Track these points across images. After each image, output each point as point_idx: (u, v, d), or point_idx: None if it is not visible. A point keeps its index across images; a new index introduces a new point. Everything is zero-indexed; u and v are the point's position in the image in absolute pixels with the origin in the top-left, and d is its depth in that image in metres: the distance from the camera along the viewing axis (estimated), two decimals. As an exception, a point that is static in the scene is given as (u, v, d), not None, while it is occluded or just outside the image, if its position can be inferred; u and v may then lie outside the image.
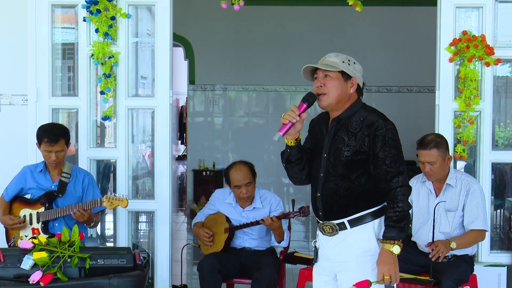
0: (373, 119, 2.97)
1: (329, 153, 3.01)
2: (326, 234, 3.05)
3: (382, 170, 2.92)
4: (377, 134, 2.93)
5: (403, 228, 2.91)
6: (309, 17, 8.88)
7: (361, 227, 2.99)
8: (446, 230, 4.15)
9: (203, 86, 9.12)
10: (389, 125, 2.98)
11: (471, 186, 4.13)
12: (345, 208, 2.99)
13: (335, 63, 3.00)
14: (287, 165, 3.13)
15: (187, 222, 8.61)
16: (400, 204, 2.90)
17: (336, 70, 2.99)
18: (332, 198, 3.00)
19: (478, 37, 4.60)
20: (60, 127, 4.21)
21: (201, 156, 9.16)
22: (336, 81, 2.99)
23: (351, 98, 3.04)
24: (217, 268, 4.37)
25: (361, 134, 2.95)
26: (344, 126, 3.01)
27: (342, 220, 3.00)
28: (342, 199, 2.98)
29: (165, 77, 4.73)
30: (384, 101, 8.90)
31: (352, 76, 3.02)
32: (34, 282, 3.44)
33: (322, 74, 3.01)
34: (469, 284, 4.17)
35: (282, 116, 2.95)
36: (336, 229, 3.01)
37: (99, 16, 4.60)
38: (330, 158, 3.00)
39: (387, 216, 2.92)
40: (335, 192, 2.99)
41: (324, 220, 3.04)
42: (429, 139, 4.11)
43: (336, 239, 3.03)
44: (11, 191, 4.25)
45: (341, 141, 2.98)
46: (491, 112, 4.69)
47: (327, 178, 3.01)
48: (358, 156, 2.95)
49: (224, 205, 4.66)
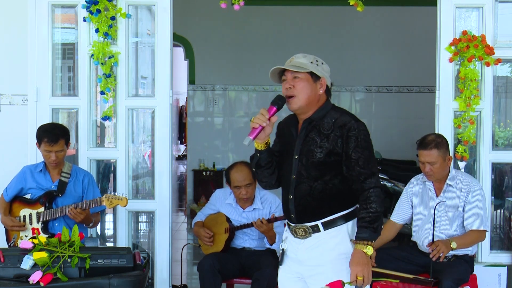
0: (345, 120, 2.93)
1: (300, 154, 2.97)
2: (298, 237, 3.01)
3: (355, 171, 2.90)
4: (349, 135, 2.90)
5: (376, 229, 2.88)
6: (309, 17, 8.88)
7: (335, 230, 2.96)
8: (446, 230, 4.14)
9: (203, 86, 9.12)
10: (361, 126, 2.94)
11: (472, 186, 4.13)
12: (319, 210, 2.96)
13: (304, 64, 2.95)
14: (257, 169, 3.07)
15: (187, 222, 8.61)
16: (374, 205, 2.87)
17: (305, 71, 2.94)
18: (306, 200, 2.96)
19: (478, 37, 4.60)
20: (60, 127, 4.21)
21: (201, 156, 9.16)
22: (305, 83, 2.94)
23: (320, 99, 3.00)
24: (217, 268, 4.37)
25: (333, 135, 2.92)
26: (315, 127, 2.97)
27: (316, 222, 2.96)
28: (316, 201, 2.95)
29: (165, 77, 4.73)
30: (384, 101, 8.91)
31: (321, 77, 2.97)
32: (34, 282, 3.44)
33: (290, 76, 2.96)
34: (469, 284, 4.17)
35: (252, 120, 2.90)
36: (309, 232, 2.98)
37: (99, 16, 4.60)
38: (302, 160, 2.96)
39: (360, 217, 2.90)
40: (308, 193, 2.95)
41: (297, 223, 3.00)
42: (429, 139, 4.11)
43: (308, 242, 2.99)
44: (11, 191, 4.25)
45: (313, 143, 2.94)
46: (491, 112, 4.69)
47: (300, 180, 2.97)
48: (332, 158, 2.92)
49: (225, 205, 4.66)
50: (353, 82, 8.87)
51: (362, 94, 9.00)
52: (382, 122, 8.88)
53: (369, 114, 8.99)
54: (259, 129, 2.88)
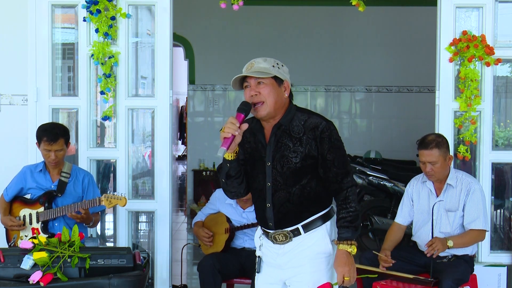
0: (316, 122, 2.89)
1: (273, 161, 2.91)
2: (278, 243, 2.98)
3: (332, 172, 2.88)
4: (323, 137, 2.87)
5: (357, 228, 2.88)
6: (309, 17, 8.87)
7: (315, 231, 2.95)
8: (446, 230, 4.14)
9: (203, 86, 9.12)
10: (332, 126, 2.92)
11: (472, 186, 4.13)
12: (299, 214, 2.93)
13: (266, 68, 2.87)
14: (227, 180, 2.98)
15: (187, 222, 8.61)
16: (353, 204, 2.87)
17: (269, 76, 2.87)
18: (285, 206, 2.92)
19: (478, 37, 4.60)
20: (60, 126, 4.21)
21: (201, 156, 9.16)
22: (270, 87, 2.87)
23: (285, 103, 2.95)
24: (217, 268, 4.37)
25: (306, 138, 2.88)
26: (285, 132, 2.91)
27: (296, 226, 2.94)
28: (296, 206, 2.92)
29: (165, 77, 4.73)
30: (384, 101, 8.90)
31: (284, 80, 2.92)
32: (34, 282, 3.44)
33: (254, 82, 2.87)
34: (469, 284, 4.16)
35: (222, 130, 2.80)
36: (290, 236, 2.95)
37: (99, 16, 4.60)
38: (277, 167, 2.90)
39: (340, 217, 2.88)
40: (287, 200, 2.91)
41: (276, 229, 2.97)
42: (430, 139, 4.11)
43: (288, 246, 2.97)
44: (11, 191, 4.25)
45: (286, 148, 2.89)
46: (491, 112, 4.69)
47: (277, 187, 2.92)
48: (308, 161, 2.88)
49: (225, 205, 4.66)
50: (353, 82, 8.87)
51: (362, 94, 9.00)
52: (382, 122, 8.88)
53: (369, 114, 9.00)
54: (231, 138, 2.78)
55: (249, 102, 2.87)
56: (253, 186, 3.03)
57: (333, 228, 2.96)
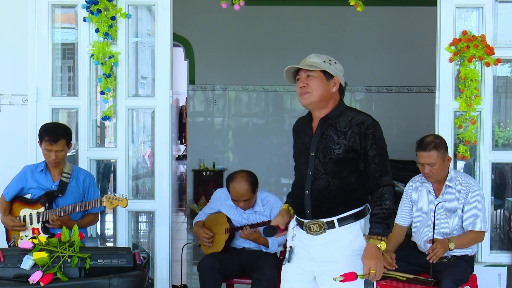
0: (362, 119, 3.02)
1: (317, 151, 3.03)
2: (312, 233, 3.05)
3: (371, 168, 2.98)
4: (367, 133, 2.99)
5: (389, 226, 2.96)
6: (309, 17, 8.87)
7: (349, 226, 3.02)
8: (446, 231, 4.14)
9: (203, 86, 9.12)
10: (378, 125, 3.05)
11: (471, 187, 4.12)
12: (335, 206, 3.01)
13: (317, 63, 3.05)
14: None
15: (187, 222, 8.61)
16: (387, 202, 2.95)
17: (318, 70, 3.04)
18: (323, 195, 3.01)
19: (478, 37, 4.60)
20: (63, 127, 4.21)
21: (201, 156, 9.15)
22: (318, 80, 3.03)
23: (333, 98, 3.08)
24: (217, 268, 4.37)
25: (351, 132, 2.99)
26: (331, 125, 3.04)
27: (332, 218, 3.01)
28: (333, 197, 3.00)
29: (165, 77, 4.73)
30: (384, 101, 8.90)
31: (334, 75, 3.06)
32: (34, 282, 3.44)
33: (304, 75, 3.06)
34: (469, 284, 4.16)
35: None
36: (324, 228, 3.02)
37: (99, 16, 4.60)
38: (319, 157, 3.02)
39: (374, 213, 2.97)
40: (326, 189, 3.01)
41: (312, 218, 3.04)
42: (428, 141, 4.10)
43: (322, 238, 3.03)
44: (12, 191, 4.25)
45: (330, 140, 3.01)
46: (491, 112, 4.69)
47: (317, 176, 3.02)
48: (350, 155, 2.99)
49: (225, 205, 4.66)
50: (353, 82, 8.78)
51: (362, 94, 9.00)
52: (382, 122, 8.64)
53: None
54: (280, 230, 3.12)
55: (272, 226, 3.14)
56: (297, 177, 3.14)
57: (366, 227, 3.03)
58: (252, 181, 4.50)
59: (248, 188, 4.47)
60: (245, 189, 4.47)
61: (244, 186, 4.47)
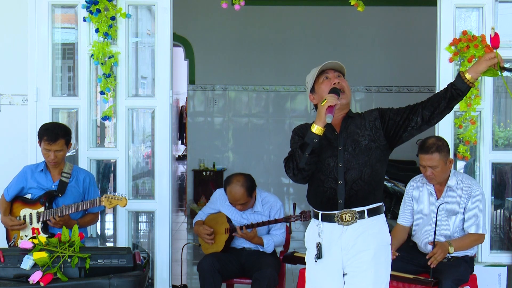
0: (370, 109, 3.25)
1: (345, 145, 3.14)
2: (343, 223, 3.09)
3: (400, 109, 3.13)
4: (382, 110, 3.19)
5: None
6: (309, 17, 8.87)
7: (375, 218, 3.12)
8: (446, 233, 4.14)
9: (203, 86, 9.12)
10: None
11: (473, 189, 4.11)
12: (367, 195, 3.11)
13: (343, 67, 3.24)
14: (311, 155, 3.06)
15: (187, 222, 8.61)
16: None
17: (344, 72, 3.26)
18: (358, 183, 3.10)
19: (478, 37, 4.60)
20: (62, 127, 4.21)
21: (201, 156, 9.15)
22: (347, 83, 3.23)
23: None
24: (217, 268, 4.37)
25: (368, 122, 3.17)
26: (352, 122, 3.20)
27: (363, 208, 3.10)
28: (367, 185, 3.10)
29: (165, 77, 4.73)
30: (384, 101, 8.88)
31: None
32: (34, 282, 3.44)
33: (334, 74, 3.20)
34: (469, 284, 4.16)
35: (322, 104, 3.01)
36: (356, 217, 3.08)
37: (99, 16, 4.60)
38: (348, 149, 3.13)
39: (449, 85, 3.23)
40: (360, 177, 3.10)
41: (344, 208, 3.09)
42: (430, 143, 4.08)
43: (352, 228, 3.08)
44: (12, 191, 4.25)
45: (355, 133, 3.15)
46: (491, 112, 4.69)
47: (349, 167, 3.11)
48: (375, 143, 3.12)
49: (225, 205, 4.66)
50: (353, 82, 8.77)
51: (362, 94, 9.00)
52: None
53: (369, 114, 8.98)
54: (334, 106, 3.02)
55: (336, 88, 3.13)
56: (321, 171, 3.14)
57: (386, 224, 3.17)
58: (248, 186, 4.50)
59: (244, 193, 4.48)
60: (241, 193, 4.48)
61: (239, 190, 4.48)
